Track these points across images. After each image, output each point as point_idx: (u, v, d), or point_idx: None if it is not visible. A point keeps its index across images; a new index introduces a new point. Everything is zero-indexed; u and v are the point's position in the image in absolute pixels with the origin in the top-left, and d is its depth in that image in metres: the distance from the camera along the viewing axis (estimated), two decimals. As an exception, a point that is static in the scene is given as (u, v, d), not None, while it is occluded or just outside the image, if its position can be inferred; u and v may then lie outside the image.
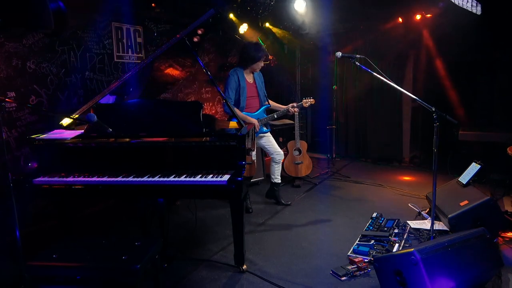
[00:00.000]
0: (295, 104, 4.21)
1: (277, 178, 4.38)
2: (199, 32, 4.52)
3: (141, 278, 2.03)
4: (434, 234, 3.13)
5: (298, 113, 4.87)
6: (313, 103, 4.32)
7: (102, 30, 4.29)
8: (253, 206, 4.31)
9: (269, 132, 4.27)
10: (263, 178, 5.10)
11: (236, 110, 3.91)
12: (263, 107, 4.15)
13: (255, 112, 4.10)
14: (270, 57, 6.08)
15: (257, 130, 3.99)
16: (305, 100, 4.28)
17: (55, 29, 3.19)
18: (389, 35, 5.81)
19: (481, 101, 5.28)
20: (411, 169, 5.96)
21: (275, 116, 4.17)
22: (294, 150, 5.08)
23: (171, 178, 2.50)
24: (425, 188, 4.51)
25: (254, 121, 3.95)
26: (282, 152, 4.33)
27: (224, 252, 3.21)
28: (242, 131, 2.75)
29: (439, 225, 3.47)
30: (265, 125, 4.16)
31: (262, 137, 4.18)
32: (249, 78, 4.08)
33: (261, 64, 4.04)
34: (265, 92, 4.21)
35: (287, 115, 4.31)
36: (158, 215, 2.94)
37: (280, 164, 4.36)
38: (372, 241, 3.27)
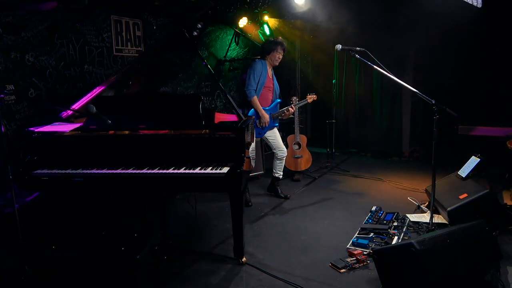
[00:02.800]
0: (293, 102, 4.45)
1: (278, 173, 4.41)
2: (199, 25, 4.50)
3: (140, 269, 2.04)
4: (433, 227, 3.15)
5: (298, 107, 4.88)
6: (315, 99, 4.63)
7: (101, 23, 4.27)
8: (253, 199, 4.31)
9: (276, 128, 4.33)
10: (263, 172, 5.10)
11: (255, 100, 4.04)
12: (276, 101, 4.26)
13: (268, 106, 4.19)
14: None
15: (266, 125, 4.13)
16: (309, 96, 4.60)
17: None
18: (390, 27, 5.78)
19: (481, 95, 5.27)
20: (410, 163, 5.97)
21: (285, 112, 4.32)
22: (294, 144, 5.08)
23: (170, 170, 2.50)
24: (425, 181, 4.51)
25: (266, 116, 4.09)
26: (285, 149, 4.36)
27: (224, 244, 3.22)
28: (241, 123, 2.74)
29: (438, 218, 3.48)
30: (275, 119, 4.26)
31: (271, 130, 4.26)
32: (269, 71, 4.22)
33: (277, 55, 4.14)
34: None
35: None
36: (158, 207, 2.94)
37: (283, 161, 4.38)
38: (371, 234, 3.27)
